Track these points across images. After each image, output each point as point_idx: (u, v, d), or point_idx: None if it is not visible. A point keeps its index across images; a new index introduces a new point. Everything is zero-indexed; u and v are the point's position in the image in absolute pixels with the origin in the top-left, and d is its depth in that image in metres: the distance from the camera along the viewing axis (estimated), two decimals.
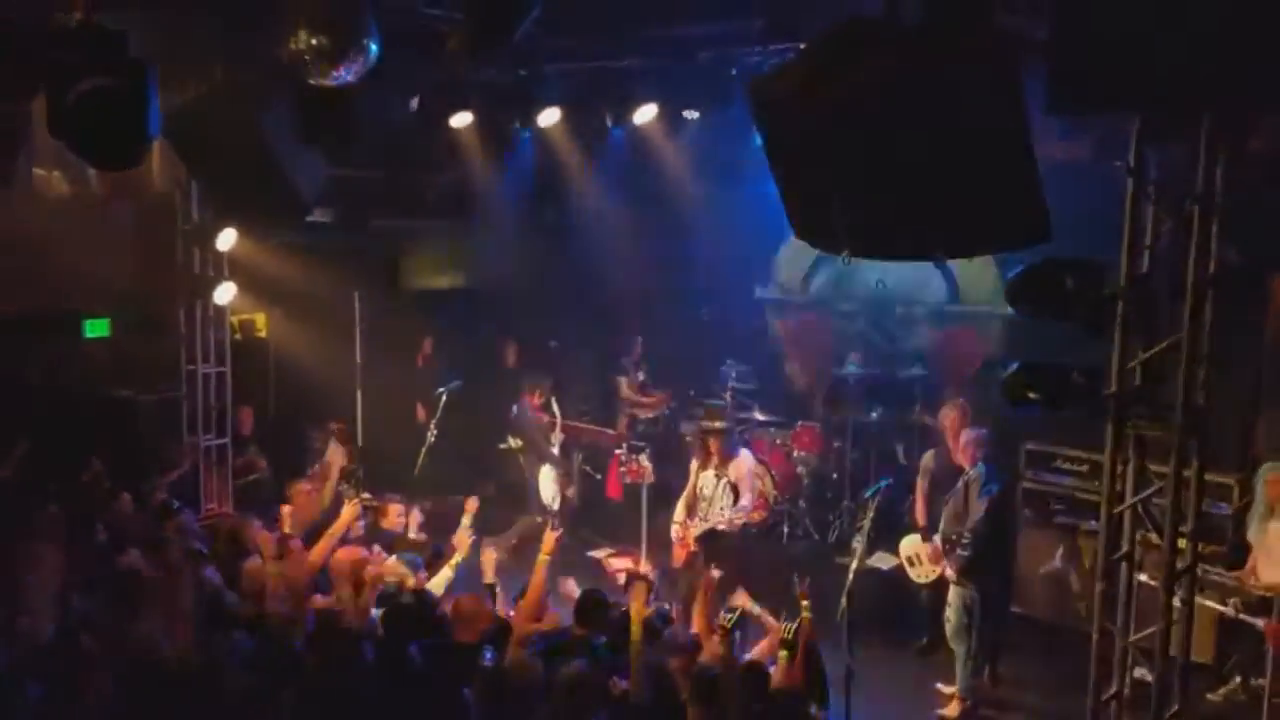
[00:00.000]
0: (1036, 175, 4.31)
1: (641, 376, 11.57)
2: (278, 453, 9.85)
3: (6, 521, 6.63)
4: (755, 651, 5.92)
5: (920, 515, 7.98)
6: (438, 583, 6.67)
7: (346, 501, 7.08)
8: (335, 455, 9.14)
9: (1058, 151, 7.20)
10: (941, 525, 7.32)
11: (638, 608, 5.42)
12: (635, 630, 5.29)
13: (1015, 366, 4.94)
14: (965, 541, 6.97)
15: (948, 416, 7.90)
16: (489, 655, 5.35)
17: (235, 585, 6.33)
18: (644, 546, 9.53)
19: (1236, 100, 4.34)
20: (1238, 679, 7.24)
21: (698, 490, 8.02)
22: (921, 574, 7.72)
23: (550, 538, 6.24)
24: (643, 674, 5.11)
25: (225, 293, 8.72)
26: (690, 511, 8.01)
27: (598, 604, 5.91)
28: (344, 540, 6.70)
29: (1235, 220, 4.81)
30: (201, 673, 5.17)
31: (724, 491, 7.84)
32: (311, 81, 5.39)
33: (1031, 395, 4.83)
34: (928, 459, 8.17)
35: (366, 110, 6.61)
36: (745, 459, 8.05)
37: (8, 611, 5.64)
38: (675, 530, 7.96)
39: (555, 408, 10.37)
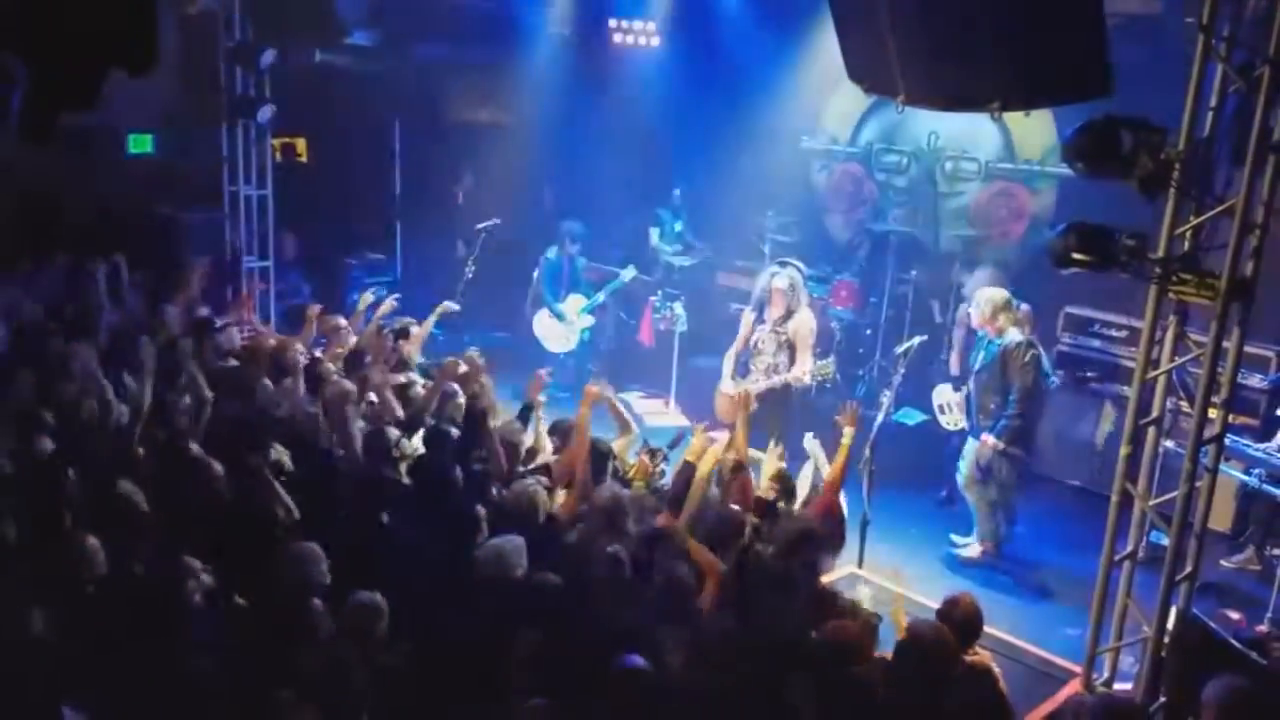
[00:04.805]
0: (1104, 26, 4.16)
1: (679, 228, 11.42)
2: (320, 281, 9.94)
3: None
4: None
5: (955, 365, 8.21)
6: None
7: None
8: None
9: (1128, 4, 6.91)
10: (977, 397, 7.32)
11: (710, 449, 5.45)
12: (704, 468, 5.33)
13: (1063, 227, 4.85)
14: (1013, 412, 6.99)
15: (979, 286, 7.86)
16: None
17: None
18: (673, 392, 9.66)
19: None
20: (1252, 548, 7.35)
21: (753, 344, 7.77)
22: (951, 421, 7.81)
23: (590, 391, 6.23)
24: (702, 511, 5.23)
25: (267, 113, 8.67)
26: (739, 367, 7.80)
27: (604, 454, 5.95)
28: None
29: None
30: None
31: (781, 348, 7.62)
32: None
33: (1077, 257, 4.74)
34: (964, 312, 8.17)
35: None
36: (807, 318, 7.73)
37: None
38: (727, 392, 7.66)
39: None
